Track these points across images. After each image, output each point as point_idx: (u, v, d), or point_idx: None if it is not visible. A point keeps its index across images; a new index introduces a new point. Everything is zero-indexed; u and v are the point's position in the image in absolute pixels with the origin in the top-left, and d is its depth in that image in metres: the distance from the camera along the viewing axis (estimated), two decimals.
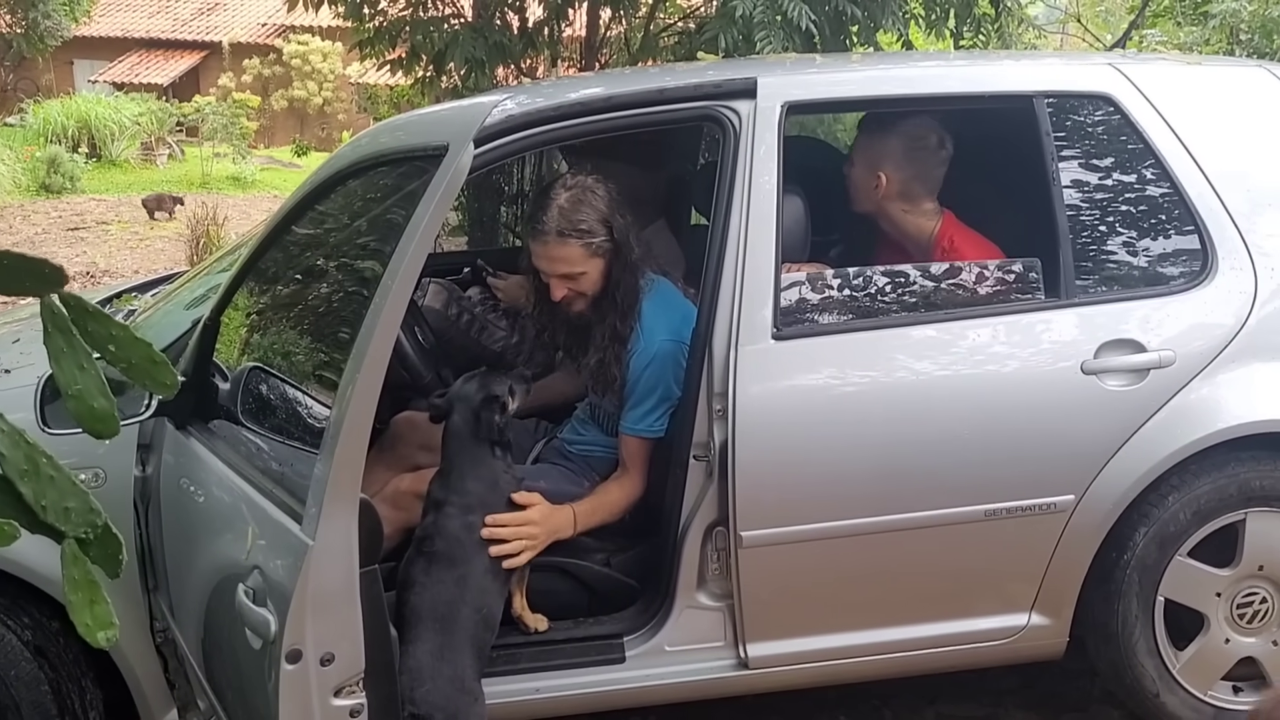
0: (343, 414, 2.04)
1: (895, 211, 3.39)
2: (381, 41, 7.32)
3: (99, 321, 1.60)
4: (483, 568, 2.84)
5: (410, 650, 2.62)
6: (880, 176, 3.35)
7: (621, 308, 3.11)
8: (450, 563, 2.81)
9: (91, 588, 1.59)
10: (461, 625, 2.73)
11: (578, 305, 3.13)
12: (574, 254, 3.04)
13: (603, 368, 3.14)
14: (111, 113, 22.30)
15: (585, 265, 3.06)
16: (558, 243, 3.02)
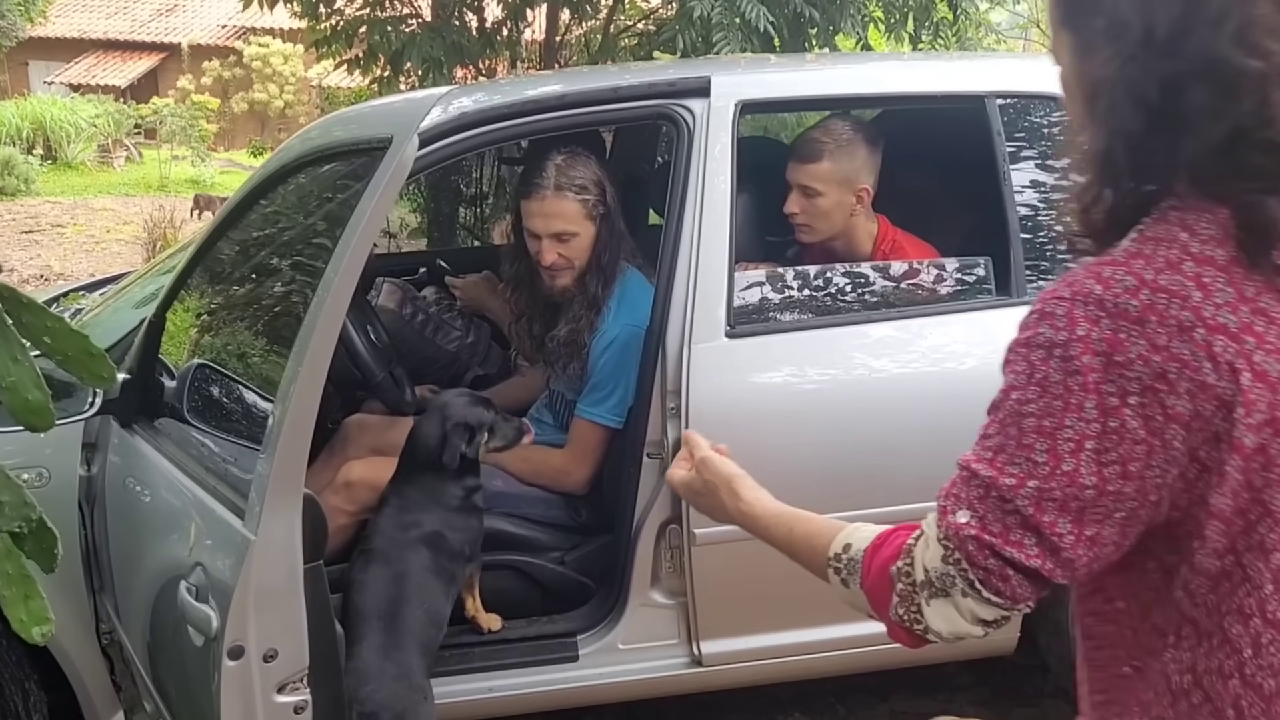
0: (285, 409, 2.01)
1: (859, 223, 3.36)
2: (338, 41, 7.29)
3: (34, 313, 1.58)
4: (420, 566, 2.82)
5: (355, 650, 2.60)
6: (864, 190, 3.30)
7: (606, 274, 3.14)
8: (386, 560, 2.80)
9: (26, 583, 1.58)
10: (406, 622, 2.71)
11: (563, 279, 3.14)
12: (570, 210, 3.08)
13: (574, 334, 3.16)
14: (68, 114, 22.12)
15: (579, 225, 3.09)
16: (555, 197, 3.07)
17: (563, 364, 3.21)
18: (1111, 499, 1.19)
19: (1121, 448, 1.18)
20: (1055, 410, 1.20)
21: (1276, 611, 1.21)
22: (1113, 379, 1.17)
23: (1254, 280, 1.18)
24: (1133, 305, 1.17)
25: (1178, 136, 1.20)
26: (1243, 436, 1.16)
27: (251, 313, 2.91)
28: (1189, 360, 1.15)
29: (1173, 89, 1.19)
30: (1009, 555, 1.23)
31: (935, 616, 1.30)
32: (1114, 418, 1.17)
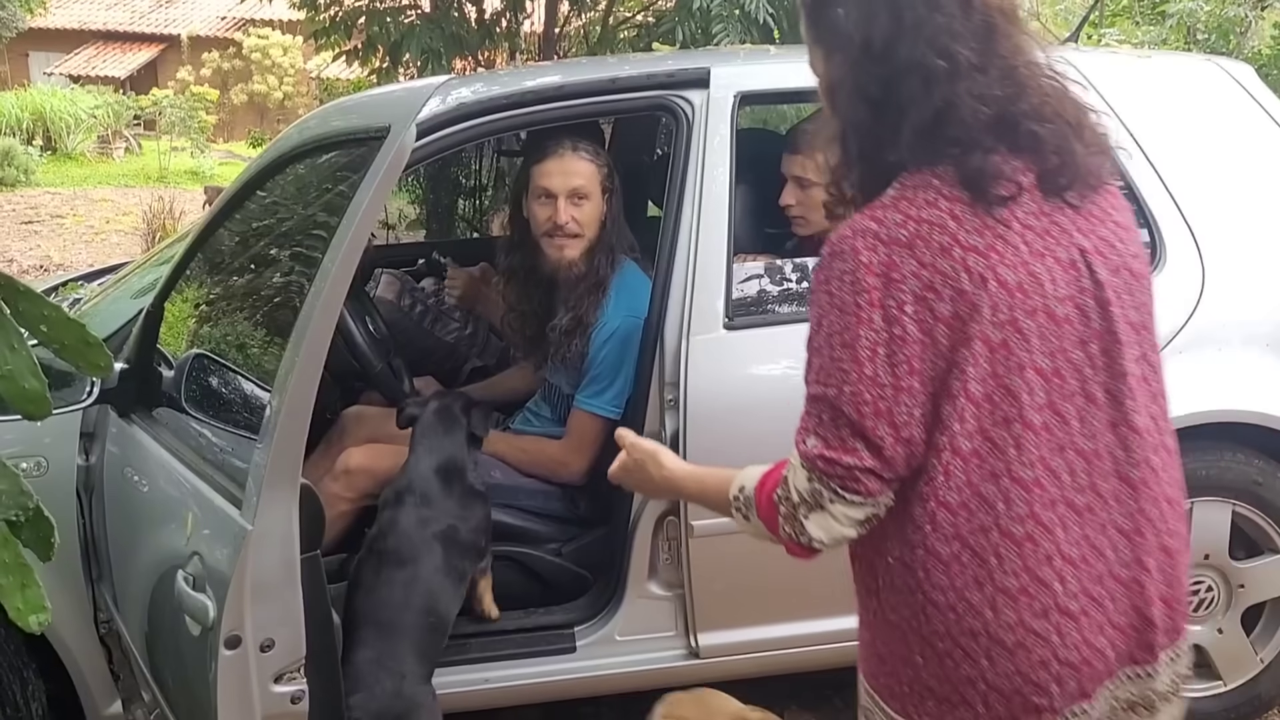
0: (283, 399, 2.01)
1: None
2: (337, 32, 7.28)
3: (30, 301, 1.58)
4: (433, 566, 2.82)
5: (350, 656, 2.61)
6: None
7: (613, 254, 3.18)
8: (399, 562, 2.79)
9: (23, 571, 1.57)
10: (404, 632, 2.71)
11: (572, 249, 3.15)
12: (587, 169, 3.13)
13: (577, 319, 3.17)
14: (68, 105, 22.08)
15: (593, 188, 3.14)
16: (573, 156, 3.13)
17: (564, 351, 3.20)
18: (907, 395, 1.51)
19: (906, 349, 1.50)
20: (852, 325, 1.52)
21: (1017, 470, 1.53)
22: (892, 293, 1.50)
23: (989, 212, 1.53)
24: (902, 234, 1.51)
25: (897, 119, 1.56)
26: (989, 333, 1.50)
27: (249, 303, 2.91)
28: (950, 274, 1.50)
29: (888, 85, 1.56)
30: (849, 462, 1.54)
31: (815, 527, 1.59)
32: (897, 325, 1.50)
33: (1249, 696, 3.28)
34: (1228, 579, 3.19)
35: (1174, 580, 1.67)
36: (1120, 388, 1.60)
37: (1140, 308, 1.64)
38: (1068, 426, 1.56)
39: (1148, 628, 1.62)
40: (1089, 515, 1.58)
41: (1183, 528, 1.71)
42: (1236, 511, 3.15)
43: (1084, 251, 1.58)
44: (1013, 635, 1.55)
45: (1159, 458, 1.66)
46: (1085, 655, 1.57)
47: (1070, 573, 1.56)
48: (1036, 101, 1.56)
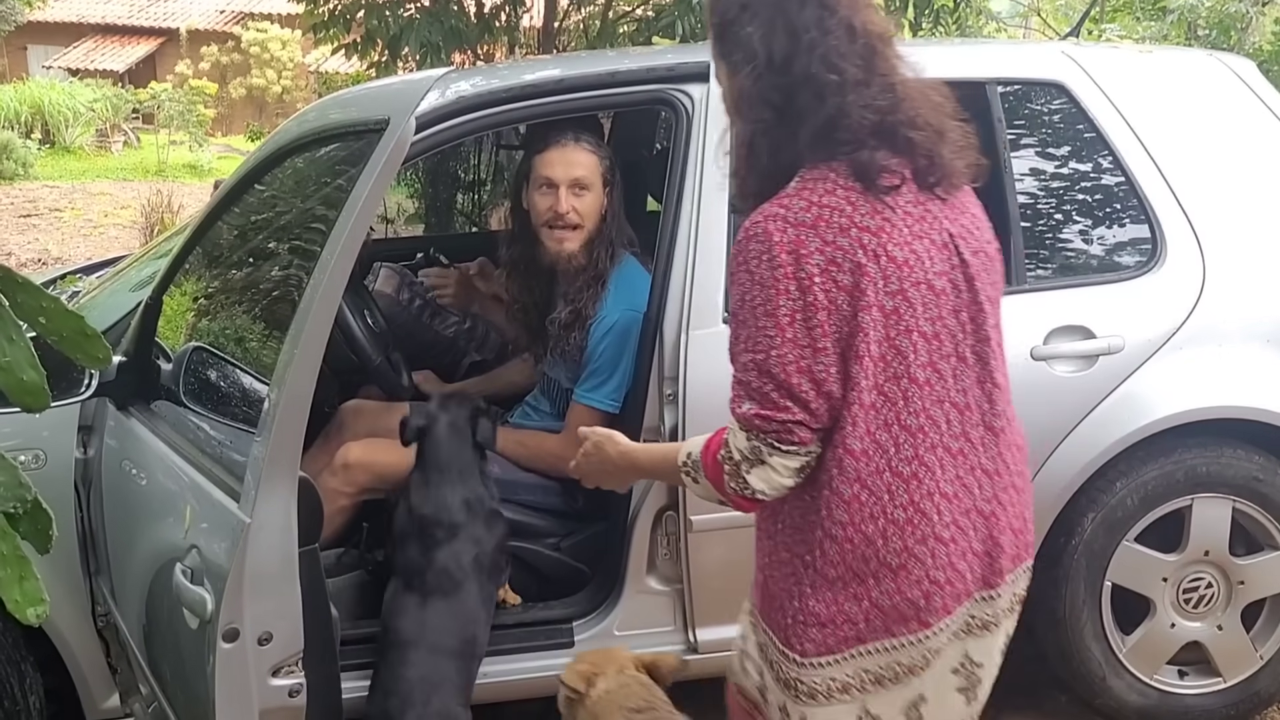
0: (281, 393, 2.01)
1: None
2: (336, 25, 7.26)
3: (29, 293, 1.57)
4: (474, 596, 2.85)
5: (401, 673, 2.64)
6: None
7: (612, 248, 3.17)
8: (442, 595, 2.81)
9: (21, 563, 1.57)
10: (451, 656, 2.75)
11: (571, 241, 3.15)
12: (589, 160, 3.14)
13: (576, 312, 3.17)
14: (66, 99, 22.03)
15: (593, 179, 3.14)
16: (575, 146, 3.14)
17: (563, 344, 3.20)
18: (823, 354, 1.75)
19: (818, 314, 1.74)
20: (771, 297, 1.75)
21: (905, 419, 1.79)
22: (802, 266, 1.74)
23: (878, 199, 1.79)
24: (807, 217, 1.76)
25: (796, 123, 1.81)
26: (883, 300, 1.76)
27: (248, 296, 2.90)
28: (848, 249, 1.75)
29: (788, 94, 1.81)
30: (782, 418, 1.77)
31: (757, 480, 1.81)
32: (809, 294, 1.74)
33: (1248, 693, 3.28)
34: (1228, 575, 3.19)
35: (1021, 514, 1.95)
36: (985, 349, 1.88)
37: (994, 284, 1.94)
38: (945, 382, 1.84)
39: (999, 553, 1.90)
40: (961, 458, 1.85)
41: (1026, 470, 1.99)
42: (1237, 508, 3.15)
43: (952, 235, 1.86)
44: (897, 559, 1.82)
45: (1011, 411, 1.95)
46: (950, 576, 1.84)
47: (945, 505, 1.83)
48: (910, 112, 1.83)
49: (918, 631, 1.84)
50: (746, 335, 1.79)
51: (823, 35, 1.81)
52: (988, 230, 1.96)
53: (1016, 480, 1.94)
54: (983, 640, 1.93)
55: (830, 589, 1.83)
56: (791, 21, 1.82)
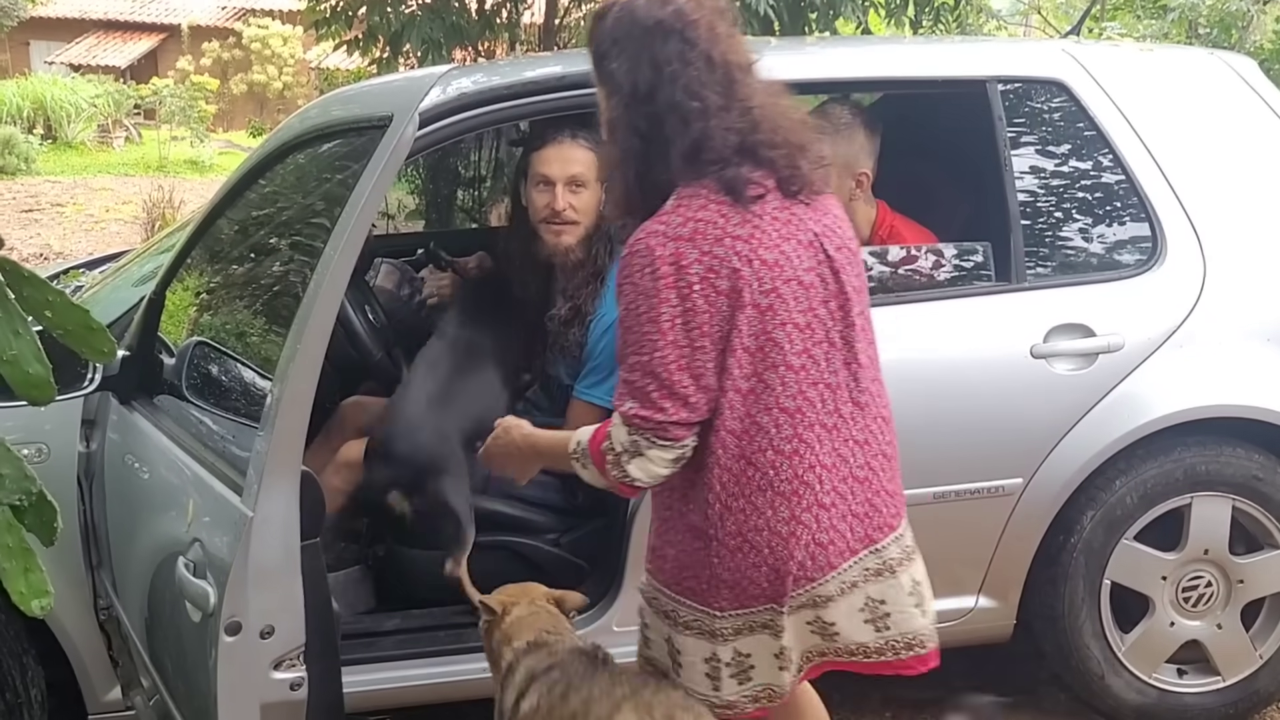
0: (284, 387, 2.02)
1: (859, 207, 3.34)
2: (338, 22, 7.26)
3: (35, 287, 1.59)
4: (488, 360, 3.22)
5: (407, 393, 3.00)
6: (863, 174, 3.28)
7: (611, 243, 3.15)
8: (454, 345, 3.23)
9: (26, 555, 1.58)
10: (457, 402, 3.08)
11: (569, 236, 3.16)
12: (586, 158, 3.14)
13: (576, 307, 3.18)
14: (68, 94, 22.04)
15: (590, 176, 3.13)
16: (571, 144, 3.14)
17: (563, 340, 3.21)
18: (701, 353, 1.98)
19: (697, 318, 1.97)
20: (655, 305, 1.97)
21: (783, 402, 2.03)
22: (682, 276, 1.97)
23: (746, 209, 2.01)
24: (684, 231, 1.99)
25: (665, 148, 2.02)
26: (758, 299, 1.99)
27: (251, 292, 2.91)
28: (724, 257, 1.98)
29: (654, 122, 2.03)
30: (660, 418, 2.00)
31: (636, 470, 2.05)
32: (688, 300, 1.97)
33: (1247, 692, 3.28)
34: (1227, 574, 3.20)
35: (892, 478, 2.21)
36: (850, 334, 2.11)
37: (858, 276, 2.16)
38: (818, 366, 2.07)
39: (875, 513, 2.16)
40: (835, 431, 2.09)
41: (894, 439, 2.22)
42: (1236, 507, 3.16)
43: (817, 234, 2.09)
44: (786, 526, 2.07)
45: (875, 386, 2.17)
46: (832, 537, 2.10)
47: (826, 475, 2.08)
48: (769, 131, 2.05)
49: (807, 586, 2.11)
50: (633, 340, 2.02)
51: (684, 67, 2.02)
52: (848, 228, 2.19)
53: (886, 449, 2.18)
54: (882, 584, 2.18)
55: (732, 556, 2.09)
56: (655, 56, 2.03)
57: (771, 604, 2.11)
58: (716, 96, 2.02)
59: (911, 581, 2.24)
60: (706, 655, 2.19)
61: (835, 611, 2.15)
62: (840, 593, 2.14)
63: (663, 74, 2.02)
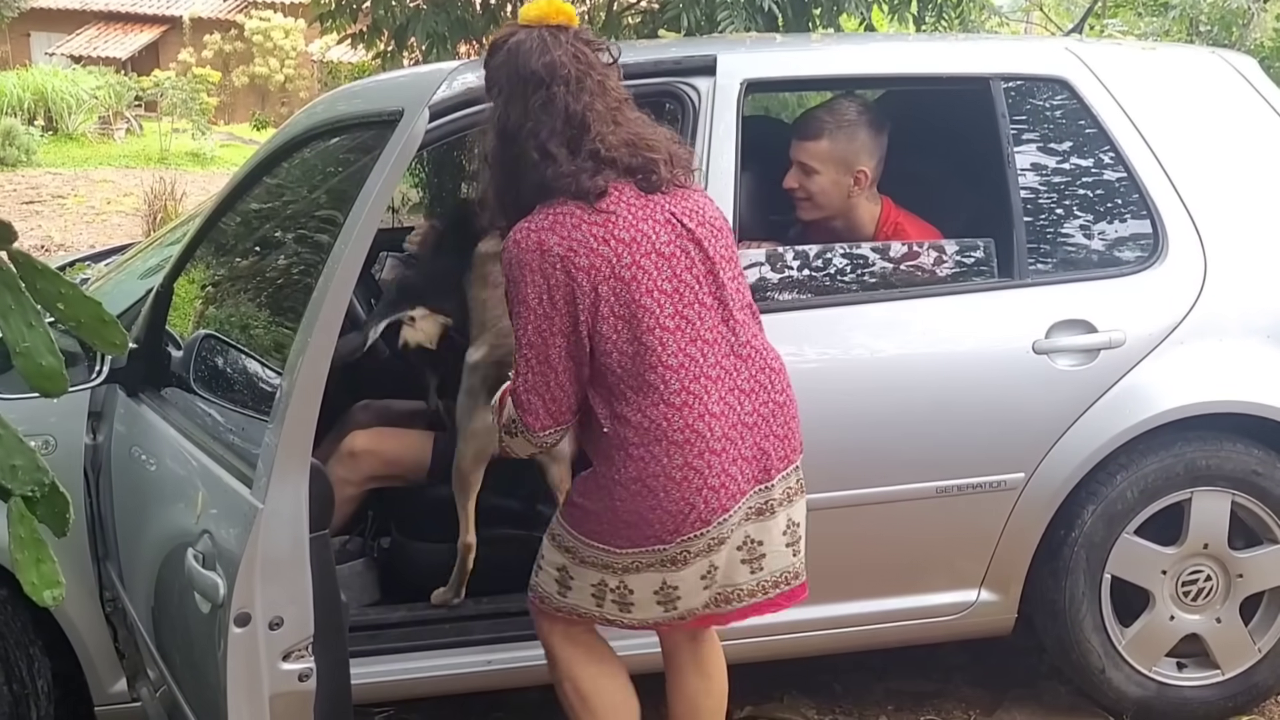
0: (294, 380, 2.03)
1: (860, 203, 3.34)
2: (342, 15, 7.26)
3: (48, 279, 1.59)
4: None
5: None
6: (862, 172, 3.28)
7: None
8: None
9: (38, 546, 1.58)
10: None
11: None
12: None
13: None
14: (69, 86, 22.00)
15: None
16: None
17: None
18: (561, 336, 2.28)
19: (553, 306, 2.26)
20: (525, 293, 2.27)
21: (666, 360, 2.28)
22: (543, 269, 2.25)
23: (597, 215, 2.29)
24: (546, 223, 2.28)
25: (522, 176, 2.34)
26: (620, 273, 2.27)
27: (260, 285, 2.92)
28: (582, 239, 2.26)
29: (514, 158, 2.34)
30: (530, 421, 2.35)
31: (513, 444, 2.47)
32: (552, 278, 2.26)
33: (1246, 685, 3.30)
34: (1226, 569, 3.21)
35: (784, 423, 2.44)
36: (723, 294, 2.37)
37: (726, 247, 2.43)
38: (693, 326, 2.32)
39: (765, 457, 2.40)
40: (720, 382, 2.34)
41: (786, 388, 2.47)
42: (1236, 501, 3.18)
43: (675, 214, 2.36)
44: (680, 473, 2.30)
45: (757, 341, 2.43)
46: (723, 481, 2.34)
47: (715, 423, 2.32)
48: (626, 155, 2.34)
49: (701, 528, 2.34)
50: (515, 325, 2.32)
51: (543, 119, 2.30)
52: (712, 209, 2.46)
53: (777, 397, 2.43)
54: (761, 523, 2.43)
55: (634, 500, 2.33)
56: (524, 104, 2.31)
57: (664, 544, 2.35)
58: (564, 150, 2.30)
59: (788, 521, 2.47)
60: (595, 581, 2.45)
61: (721, 555, 2.39)
62: (729, 535, 2.38)
63: (524, 124, 2.30)
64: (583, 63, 2.35)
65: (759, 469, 2.40)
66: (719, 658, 2.70)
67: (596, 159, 2.32)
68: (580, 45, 2.37)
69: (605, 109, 2.36)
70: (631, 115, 2.41)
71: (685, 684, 2.66)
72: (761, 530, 2.43)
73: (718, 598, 2.45)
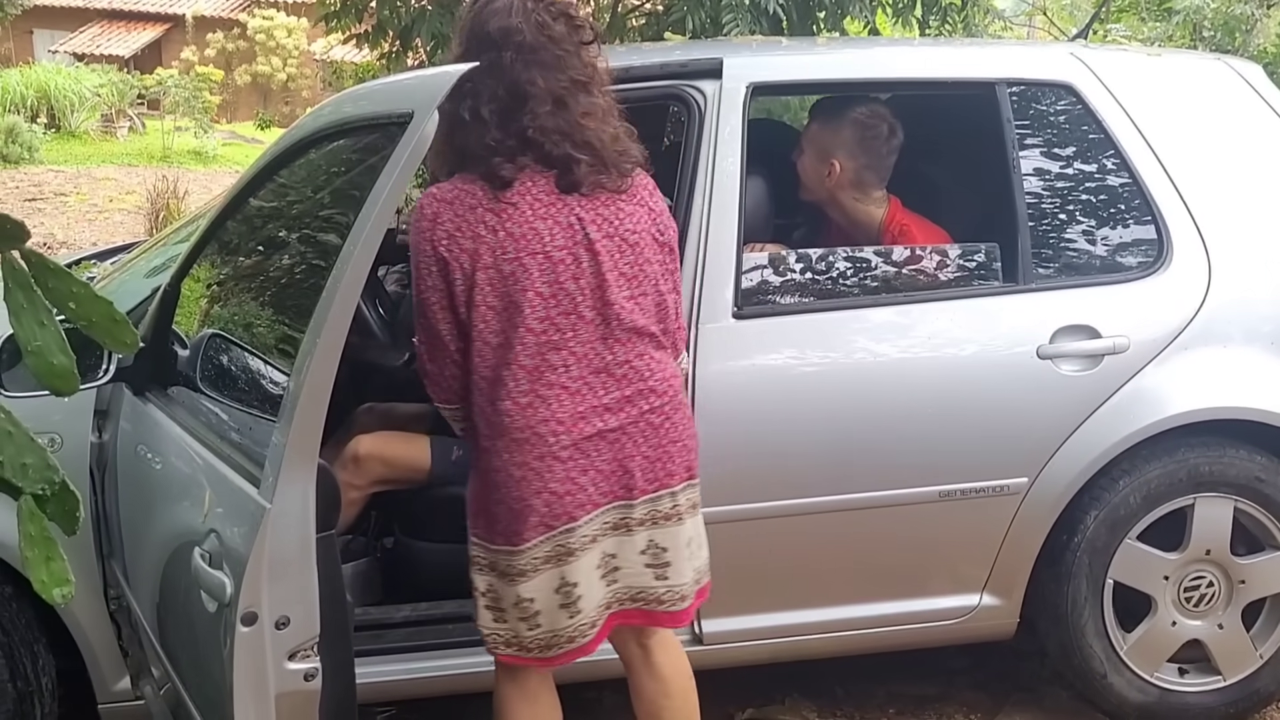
0: (301, 381, 2.03)
1: (846, 200, 3.39)
2: (347, 15, 7.26)
3: (60, 279, 1.60)
4: None
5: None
6: (834, 164, 3.33)
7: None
8: None
9: (48, 544, 1.59)
10: None
11: None
12: None
13: None
14: (71, 83, 21.98)
15: None
16: None
17: None
18: (439, 307, 2.32)
19: (436, 279, 2.30)
20: (417, 261, 2.32)
21: (522, 360, 2.28)
22: (439, 227, 2.29)
23: (497, 203, 2.29)
24: (450, 195, 2.31)
25: (453, 135, 2.29)
26: (500, 265, 2.27)
27: (268, 285, 2.92)
28: (472, 223, 2.28)
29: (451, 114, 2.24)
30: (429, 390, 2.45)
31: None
32: (438, 251, 2.29)
33: (1248, 691, 3.31)
34: (1229, 575, 3.22)
35: (659, 446, 2.40)
36: (607, 312, 2.32)
37: (633, 263, 2.36)
38: (561, 334, 2.30)
39: (628, 475, 2.37)
40: (578, 395, 2.32)
41: (674, 413, 2.43)
42: (1238, 508, 3.18)
43: (582, 219, 2.31)
44: (519, 471, 2.31)
45: (641, 362, 2.38)
46: (569, 488, 2.32)
47: (562, 430, 2.31)
48: (553, 143, 2.30)
49: (545, 533, 2.33)
50: (414, 292, 2.35)
51: (483, 83, 2.27)
52: (636, 221, 2.39)
53: (652, 418, 2.39)
54: (618, 539, 2.40)
55: (487, 491, 2.37)
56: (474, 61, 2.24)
57: (511, 545, 2.35)
58: (495, 119, 2.29)
59: (649, 542, 2.43)
60: (513, 598, 2.40)
61: (577, 571, 2.36)
62: (581, 547, 2.36)
63: (465, 83, 2.20)
64: (545, 33, 2.32)
65: (619, 485, 2.37)
66: (675, 660, 2.67)
67: (522, 139, 2.29)
68: (548, 17, 2.34)
69: (551, 87, 2.31)
70: (585, 101, 2.35)
71: (642, 689, 2.64)
72: (618, 545, 2.41)
73: (585, 626, 2.42)
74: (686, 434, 2.47)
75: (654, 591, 2.46)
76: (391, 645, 3.02)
